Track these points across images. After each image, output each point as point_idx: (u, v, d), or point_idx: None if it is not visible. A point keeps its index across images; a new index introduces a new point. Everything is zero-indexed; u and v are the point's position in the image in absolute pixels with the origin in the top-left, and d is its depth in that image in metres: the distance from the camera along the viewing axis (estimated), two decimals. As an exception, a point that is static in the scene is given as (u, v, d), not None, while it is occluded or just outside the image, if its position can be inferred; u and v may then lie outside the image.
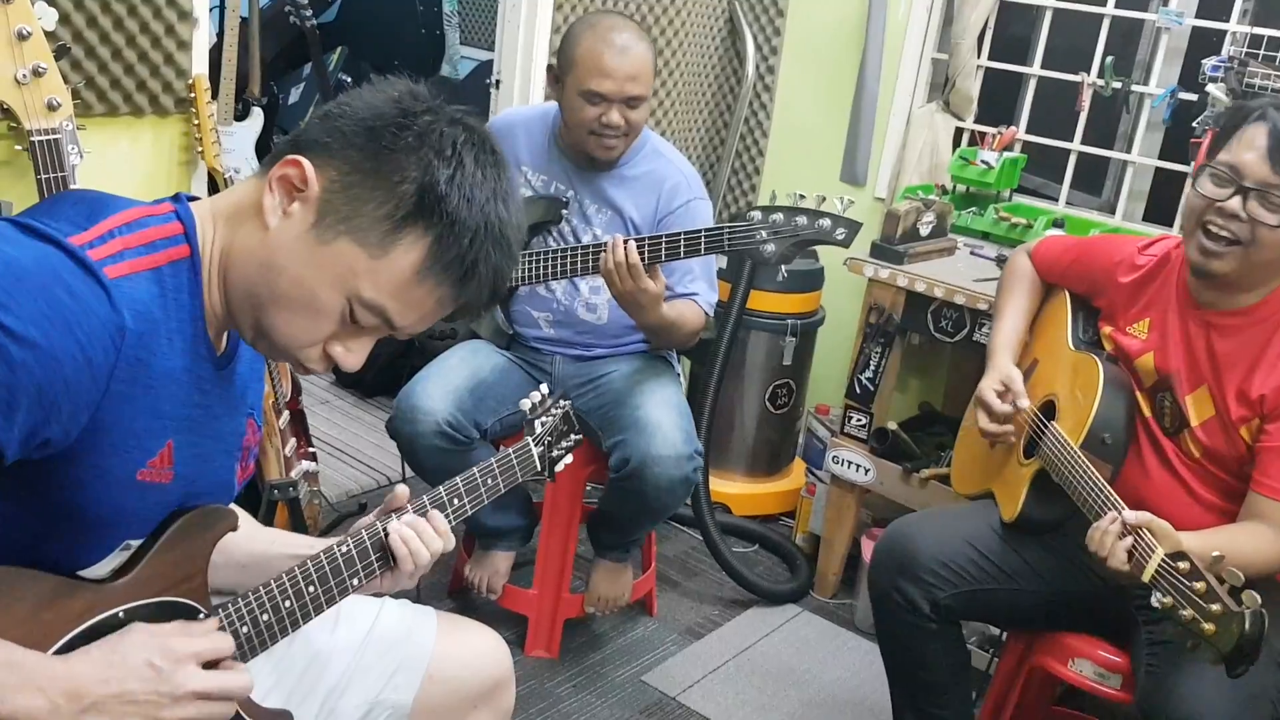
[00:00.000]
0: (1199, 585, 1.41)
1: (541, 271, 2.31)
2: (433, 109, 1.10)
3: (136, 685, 1.02)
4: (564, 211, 2.43)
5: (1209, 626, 1.39)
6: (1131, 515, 1.58)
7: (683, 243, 2.16)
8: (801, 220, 2.10)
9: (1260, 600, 1.38)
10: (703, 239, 2.15)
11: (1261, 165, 1.69)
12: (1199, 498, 1.83)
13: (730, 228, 2.14)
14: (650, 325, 2.32)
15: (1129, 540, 1.55)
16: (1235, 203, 1.70)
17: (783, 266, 3.05)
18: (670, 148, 2.52)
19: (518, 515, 2.58)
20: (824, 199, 2.11)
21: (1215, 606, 1.39)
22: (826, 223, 2.10)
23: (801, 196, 2.12)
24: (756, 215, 2.12)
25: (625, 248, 2.15)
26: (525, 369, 2.53)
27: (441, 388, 2.34)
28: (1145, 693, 1.71)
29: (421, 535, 1.29)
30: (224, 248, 1.12)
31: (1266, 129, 1.69)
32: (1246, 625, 1.36)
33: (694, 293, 2.41)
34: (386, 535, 1.28)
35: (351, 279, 1.08)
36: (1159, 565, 1.48)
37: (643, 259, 2.17)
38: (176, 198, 1.14)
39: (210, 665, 1.10)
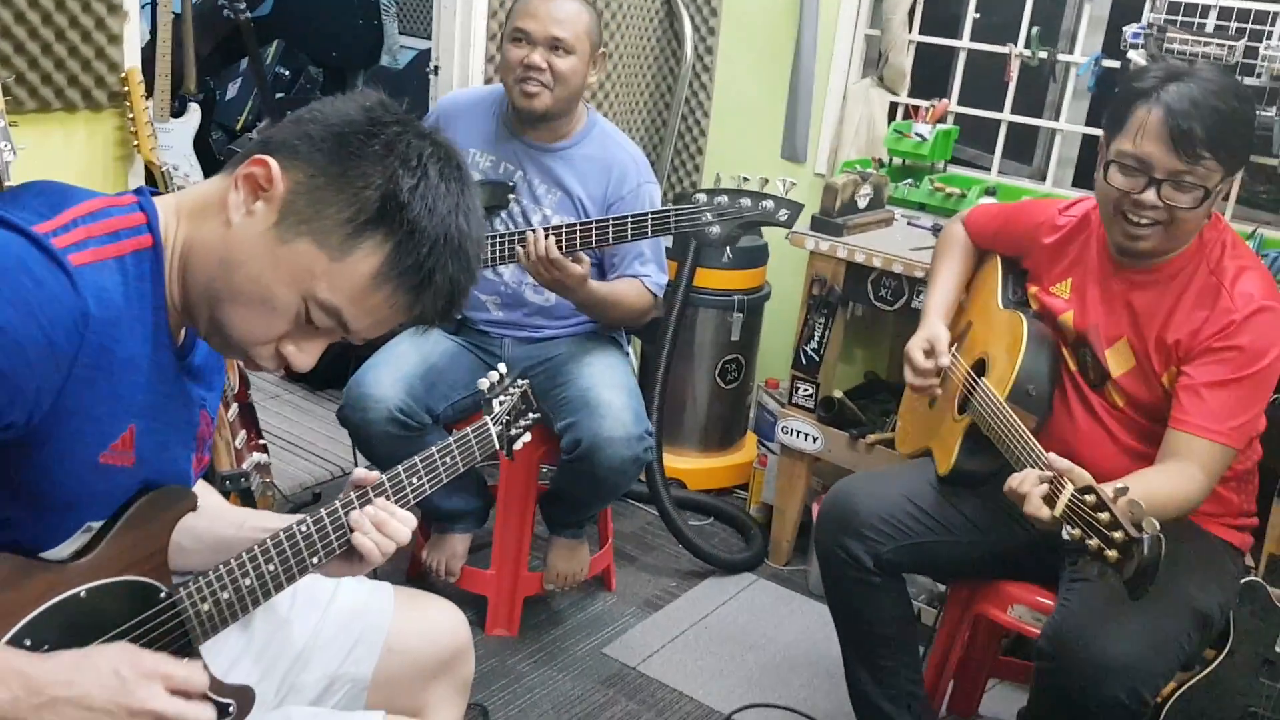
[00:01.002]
0: (1104, 516, 1.48)
1: None
2: (402, 121, 1.13)
3: (97, 692, 1.03)
4: (511, 196, 2.45)
5: (1112, 553, 1.45)
6: (1056, 462, 1.63)
7: (630, 226, 2.20)
8: (745, 202, 2.16)
9: (1159, 526, 1.44)
10: (649, 222, 2.20)
11: (1167, 156, 1.71)
12: (1123, 445, 1.90)
13: (676, 210, 2.19)
14: (582, 304, 2.36)
15: (1045, 488, 1.60)
16: (1150, 194, 1.74)
17: (728, 247, 3.13)
18: (618, 131, 2.55)
19: (472, 497, 2.61)
20: (767, 181, 2.17)
21: (1118, 534, 1.45)
22: (770, 204, 2.16)
23: (745, 180, 2.18)
24: (702, 197, 2.17)
25: (545, 244, 2.18)
26: (475, 353, 2.55)
27: (392, 374, 2.36)
28: (1055, 626, 1.77)
29: (385, 528, 1.30)
30: (186, 242, 1.13)
31: (1163, 114, 1.70)
32: (1145, 549, 1.42)
33: (644, 274, 2.45)
34: (351, 530, 1.29)
35: (309, 279, 1.10)
36: (1069, 499, 1.54)
37: (591, 243, 2.21)
38: (139, 190, 1.15)
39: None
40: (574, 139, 2.45)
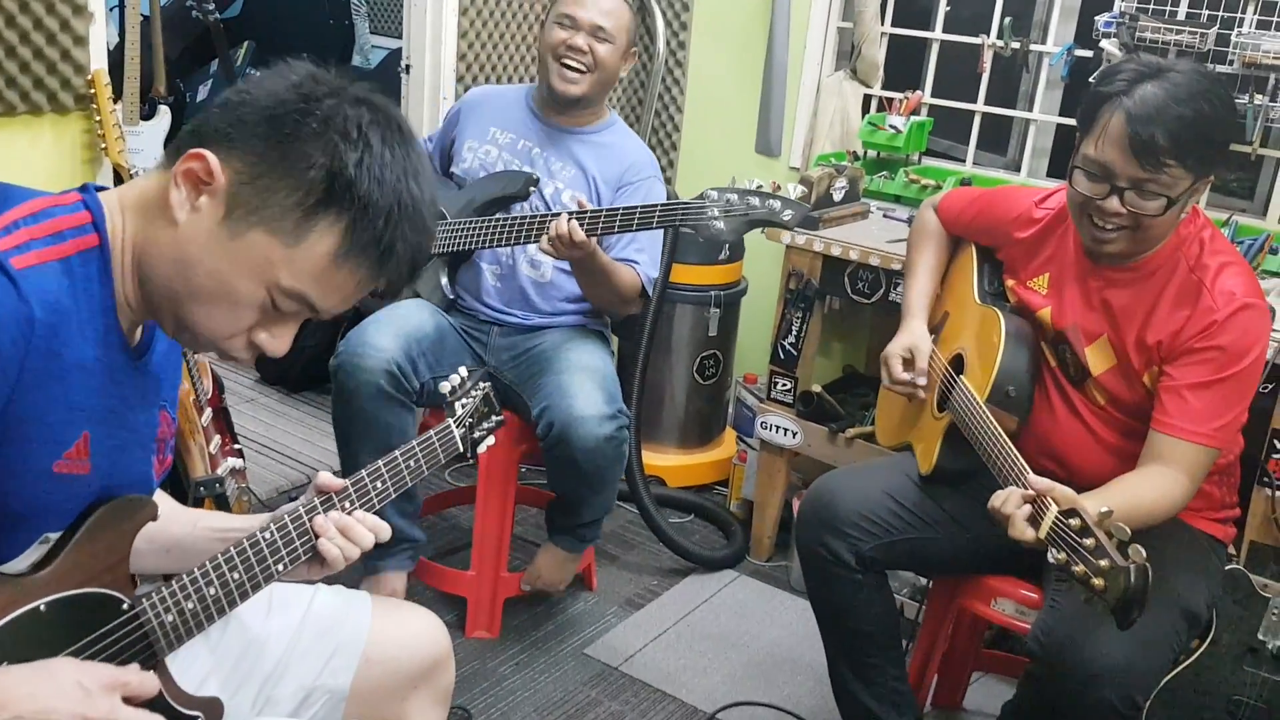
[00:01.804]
0: (1089, 541, 1.45)
1: (491, 237, 2.36)
2: (335, 90, 1.09)
3: (61, 704, 1.01)
4: (533, 187, 2.47)
5: (1098, 581, 1.42)
6: (1037, 482, 1.60)
7: (638, 215, 2.23)
8: (754, 201, 2.19)
9: (1145, 554, 1.41)
10: (657, 212, 2.23)
11: (1128, 163, 1.68)
12: (1105, 443, 1.89)
13: (684, 204, 2.23)
14: (590, 270, 2.37)
15: (1028, 509, 1.58)
16: (1113, 202, 1.72)
17: (727, 245, 3.16)
18: (634, 134, 2.62)
19: (411, 525, 2.51)
20: (779, 186, 2.21)
21: (1103, 562, 1.42)
22: (776, 204, 2.19)
23: (760, 185, 2.20)
24: (712, 194, 2.20)
25: (570, 226, 2.20)
26: (463, 336, 2.55)
27: (392, 330, 2.35)
28: (1045, 628, 1.75)
29: (349, 533, 1.29)
30: (136, 242, 1.11)
31: (1124, 121, 1.67)
32: (1132, 579, 1.39)
33: (636, 261, 2.46)
34: (316, 537, 1.28)
35: (269, 269, 1.08)
36: (1053, 522, 1.51)
37: (598, 229, 2.24)
38: (84, 188, 1.13)
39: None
40: (595, 128, 2.54)
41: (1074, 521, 1.48)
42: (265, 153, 1.07)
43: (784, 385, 2.91)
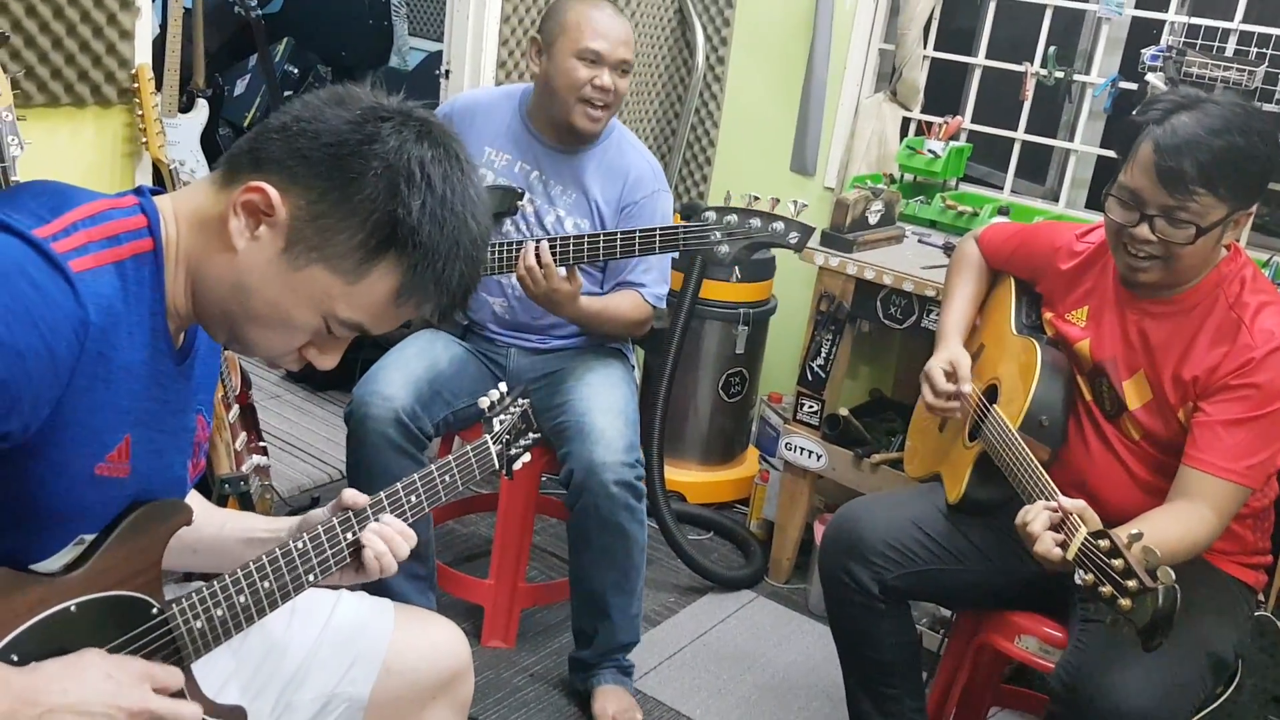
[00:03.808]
0: (1117, 562, 1.44)
1: None
2: (397, 125, 1.09)
3: (93, 696, 1.02)
4: (520, 201, 2.40)
5: (1125, 602, 1.42)
6: (1066, 502, 1.60)
7: (638, 240, 2.17)
8: (755, 223, 2.13)
9: (1174, 576, 1.41)
10: (658, 237, 2.17)
11: (1156, 191, 1.69)
12: (1139, 479, 1.87)
13: (685, 228, 2.16)
14: (573, 320, 2.34)
15: (1060, 536, 1.56)
16: (1143, 229, 1.72)
17: (736, 267, 3.09)
18: (635, 138, 2.53)
19: (418, 588, 2.41)
20: (777, 201, 2.13)
21: (1132, 583, 1.42)
22: (780, 226, 2.13)
23: (755, 198, 2.14)
24: (711, 215, 2.14)
25: (538, 250, 2.16)
26: (482, 360, 2.51)
27: (402, 376, 2.32)
28: (1070, 668, 1.73)
29: (391, 544, 1.32)
30: (191, 257, 1.12)
31: (1152, 149, 1.68)
32: (1160, 601, 1.39)
33: (643, 284, 2.42)
34: (360, 545, 1.30)
35: (327, 301, 1.10)
36: (1081, 543, 1.51)
37: (599, 255, 2.19)
38: (139, 190, 1.13)
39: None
40: (593, 142, 2.42)
41: (1103, 543, 1.48)
42: (327, 192, 1.08)
43: (810, 407, 2.89)
